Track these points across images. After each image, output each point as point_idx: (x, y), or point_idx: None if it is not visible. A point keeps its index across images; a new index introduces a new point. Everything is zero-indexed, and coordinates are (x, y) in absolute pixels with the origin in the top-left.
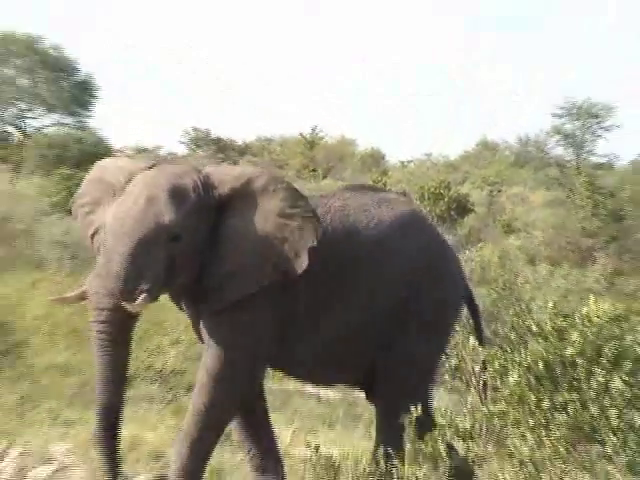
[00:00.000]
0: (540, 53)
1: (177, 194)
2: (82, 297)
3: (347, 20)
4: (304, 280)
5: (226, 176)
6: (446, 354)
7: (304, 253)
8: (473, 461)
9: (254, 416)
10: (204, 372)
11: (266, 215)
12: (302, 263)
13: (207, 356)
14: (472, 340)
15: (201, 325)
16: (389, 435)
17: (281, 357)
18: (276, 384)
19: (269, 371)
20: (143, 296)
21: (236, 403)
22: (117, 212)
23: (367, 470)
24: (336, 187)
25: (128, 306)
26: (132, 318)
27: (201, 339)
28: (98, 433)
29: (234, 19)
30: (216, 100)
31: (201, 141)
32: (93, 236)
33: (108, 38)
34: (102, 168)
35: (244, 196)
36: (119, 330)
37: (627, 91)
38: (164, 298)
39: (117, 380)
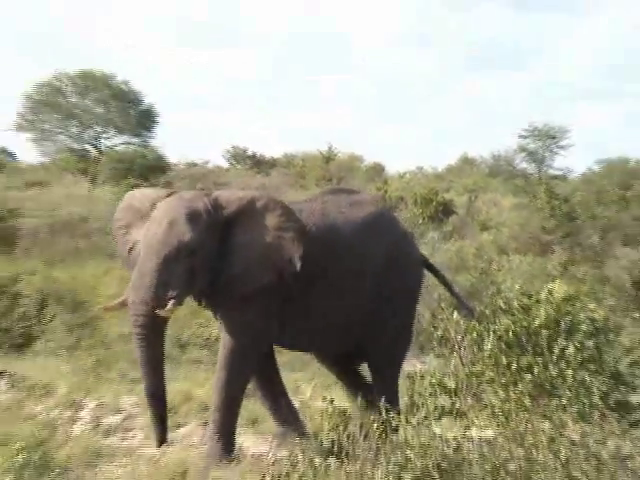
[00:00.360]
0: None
1: (192, 217)
2: (123, 305)
3: (346, 20)
4: (297, 275)
5: (232, 197)
6: (434, 326)
7: (297, 257)
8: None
9: (266, 377)
10: (223, 352)
11: (266, 228)
12: (296, 265)
13: (224, 339)
14: (456, 315)
15: (218, 316)
16: (387, 391)
17: (284, 337)
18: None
19: None
20: (171, 302)
21: (248, 373)
22: (146, 235)
23: (372, 418)
24: (317, 191)
25: (160, 312)
26: (163, 320)
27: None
28: (147, 401)
29: (233, 23)
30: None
31: (239, 157)
32: (130, 252)
33: (108, 38)
34: (131, 197)
35: (248, 214)
36: (153, 331)
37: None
38: None
39: (154, 367)
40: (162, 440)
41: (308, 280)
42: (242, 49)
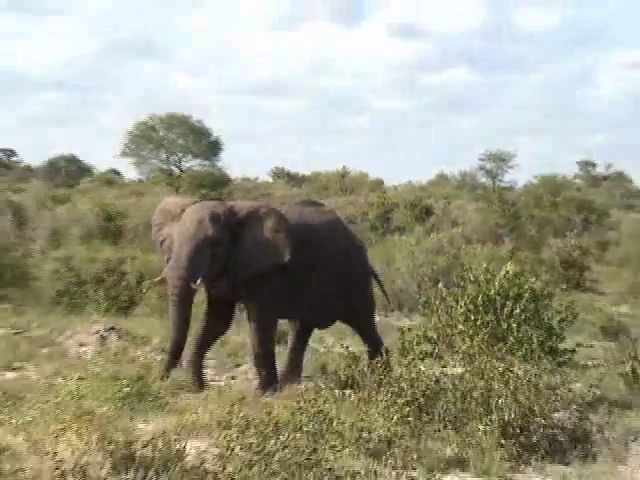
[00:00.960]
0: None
1: (215, 217)
2: (164, 281)
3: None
4: (287, 265)
5: (243, 206)
6: (419, 294)
7: (286, 253)
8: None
9: (298, 337)
10: (251, 319)
11: (266, 230)
12: (285, 258)
13: (248, 309)
14: (440, 285)
15: (232, 292)
16: (376, 341)
17: (287, 311)
18: None
19: None
20: (199, 279)
21: (271, 330)
22: (180, 229)
23: (375, 360)
24: (291, 201)
25: (192, 285)
26: (193, 292)
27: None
28: (170, 347)
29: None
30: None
31: (279, 174)
32: (162, 243)
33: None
34: (166, 203)
35: (254, 218)
36: (184, 300)
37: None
38: None
39: (181, 325)
40: (165, 374)
41: (295, 270)
42: (288, 99)
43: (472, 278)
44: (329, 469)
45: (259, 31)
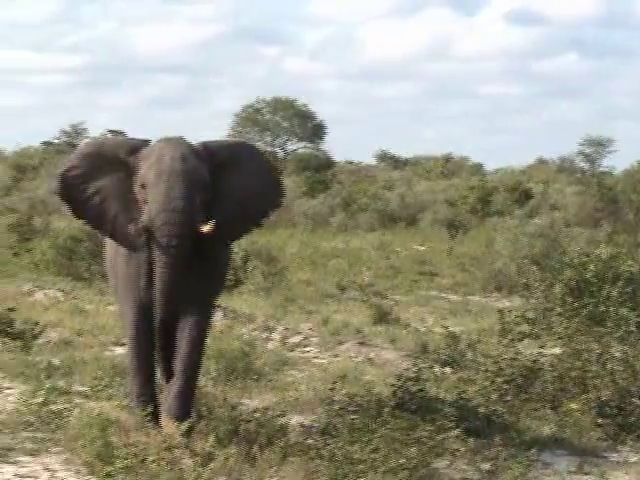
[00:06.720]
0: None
1: (203, 157)
2: (147, 230)
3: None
4: None
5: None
6: (519, 275)
7: None
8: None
9: None
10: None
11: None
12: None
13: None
14: (533, 268)
15: None
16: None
17: None
18: None
19: None
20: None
21: None
22: (160, 168)
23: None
24: None
25: (202, 230)
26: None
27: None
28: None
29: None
30: None
31: (384, 157)
32: (87, 201)
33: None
34: (94, 145)
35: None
36: (184, 252)
37: None
38: None
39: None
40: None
41: None
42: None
43: (568, 261)
44: (430, 447)
45: (377, 17)
